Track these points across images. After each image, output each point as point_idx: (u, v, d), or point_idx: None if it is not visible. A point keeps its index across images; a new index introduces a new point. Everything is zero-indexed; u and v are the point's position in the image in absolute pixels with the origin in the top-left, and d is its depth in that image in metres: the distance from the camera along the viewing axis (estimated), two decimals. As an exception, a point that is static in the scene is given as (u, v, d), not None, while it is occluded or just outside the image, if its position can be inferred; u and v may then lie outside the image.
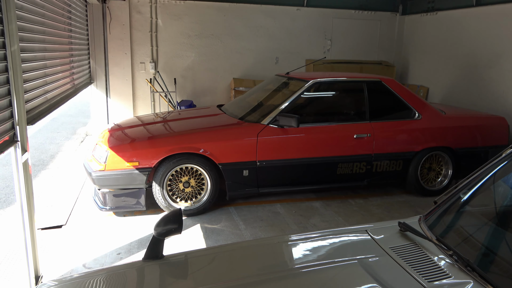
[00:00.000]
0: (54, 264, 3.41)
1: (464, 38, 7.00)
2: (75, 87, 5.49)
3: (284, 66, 7.74)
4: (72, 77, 5.33)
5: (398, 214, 4.55)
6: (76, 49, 5.74)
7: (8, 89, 2.69)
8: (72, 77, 5.33)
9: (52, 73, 4.22)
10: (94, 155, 4.33)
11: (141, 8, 7.21)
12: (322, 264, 1.76)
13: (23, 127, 2.82)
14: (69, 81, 5.15)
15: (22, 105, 2.81)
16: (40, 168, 6.18)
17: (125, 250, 3.65)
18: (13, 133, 2.75)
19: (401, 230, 1.90)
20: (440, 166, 5.07)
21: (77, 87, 5.61)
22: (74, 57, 5.56)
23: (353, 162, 4.74)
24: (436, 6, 7.64)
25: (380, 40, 8.61)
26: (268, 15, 7.84)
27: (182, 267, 1.83)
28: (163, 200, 4.24)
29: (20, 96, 2.78)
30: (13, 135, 2.74)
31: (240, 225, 4.19)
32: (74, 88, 5.40)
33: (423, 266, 1.62)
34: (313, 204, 4.74)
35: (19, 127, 2.76)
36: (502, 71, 6.27)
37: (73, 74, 5.44)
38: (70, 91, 5.14)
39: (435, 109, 5.10)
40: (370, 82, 4.95)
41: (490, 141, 5.16)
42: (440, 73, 7.55)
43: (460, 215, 1.99)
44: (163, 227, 1.81)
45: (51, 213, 4.36)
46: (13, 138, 2.74)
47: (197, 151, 4.22)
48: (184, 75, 7.66)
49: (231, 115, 4.91)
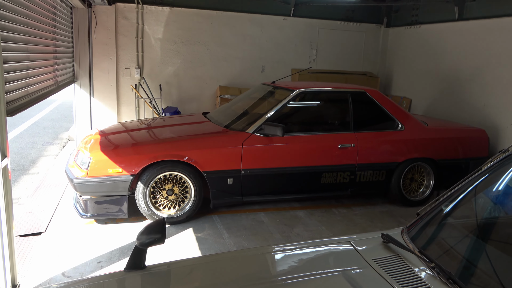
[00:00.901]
0: (32, 273, 3.33)
1: (446, 51, 7.14)
2: (58, 84, 5.42)
3: (270, 75, 7.78)
4: (55, 79, 5.26)
5: (380, 224, 4.58)
6: (60, 51, 5.67)
7: None
8: (55, 79, 5.26)
9: (34, 74, 4.15)
10: (76, 161, 4.26)
11: (127, 14, 7.17)
12: (306, 275, 1.76)
13: (2, 117, 2.73)
14: (52, 78, 5.08)
15: (1, 94, 2.73)
16: (20, 173, 6.06)
17: (106, 259, 3.59)
18: None
19: (384, 242, 1.91)
20: (422, 177, 5.14)
21: (60, 85, 5.54)
22: (58, 59, 5.50)
23: (337, 172, 4.77)
24: (420, 19, 7.80)
25: (365, 51, 8.73)
26: (255, 24, 7.88)
27: (165, 278, 1.81)
28: (146, 208, 4.19)
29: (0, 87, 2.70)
30: None
31: (224, 233, 4.17)
32: (56, 85, 5.32)
33: (405, 279, 1.63)
34: (297, 213, 4.75)
35: None
36: (482, 85, 6.42)
37: (57, 76, 5.37)
38: (53, 87, 5.07)
39: (417, 121, 5.18)
40: (354, 92, 5.00)
41: (471, 153, 5.26)
42: (423, 85, 7.69)
43: (442, 227, 2.01)
44: (146, 236, 1.78)
45: (30, 220, 4.27)
46: None
47: (182, 158, 4.19)
48: (170, 82, 7.63)
49: (216, 123, 4.90)
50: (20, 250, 3.66)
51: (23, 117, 10.42)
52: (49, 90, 4.84)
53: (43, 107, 12.43)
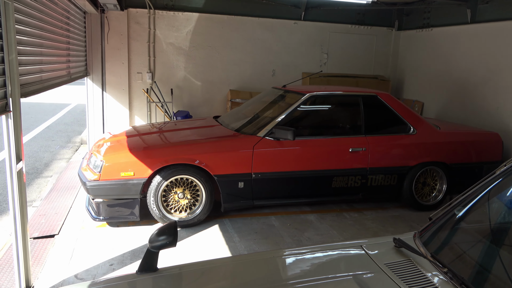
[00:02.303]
0: (45, 274, 3.37)
1: (459, 54, 7.08)
2: (70, 75, 5.50)
3: (280, 79, 7.78)
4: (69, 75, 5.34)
5: (392, 228, 4.55)
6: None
7: (1, 57, 2.66)
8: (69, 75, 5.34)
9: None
10: (89, 165, 4.31)
11: (140, 19, 7.24)
12: (317, 279, 1.76)
13: (16, 97, 2.77)
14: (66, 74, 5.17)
15: (16, 75, 2.77)
16: (34, 176, 6.14)
17: (117, 261, 3.62)
18: (5, 102, 2.71)
19: (396, 246, 1.90)
20: (434, 181, 5.09)
21: (72, 77, 5.62)
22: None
23: (348, 176, 4.75)
24: (431, 22, 7.75)
25: (376, 54, 8.69)
26: (266, 28, 7.91)
27: (176, 281, 1.82)
28: (157, 211, 4.22)
29: (14, 66, 2.75)
30: (5, 105, 2.71)
31: (235, 237, 4.17)
32: (69, 76, 5.42)
33: (418, 283, 1.62)
34: (308, 217, 4.74)
35: (11, 98, 2.72)
36: (496, 88, 6.34)
37: (71, 74, 5.45)
38: (65, 78, 5.15)
39: (430, 124, 5.14)
40: (366, 96, 4.98)
41: (484, 157, 5.19)
42: (435, 89, 7.62)
43: (455, 232, 1.99)
44: (158, 239, 1.80)
45: (44, 222, 4.32)
46: (5, 108, 2.70)
47: (193, 162, 4.22)
48: (181, 86, 7.68)
49: (227, 127, 4.92)
50: (34, 252, 3.71)
51: (37, 121, 10.57)
52: (62, 81, 4.90)
53: (57, 111, 12.59)
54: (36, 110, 12.50)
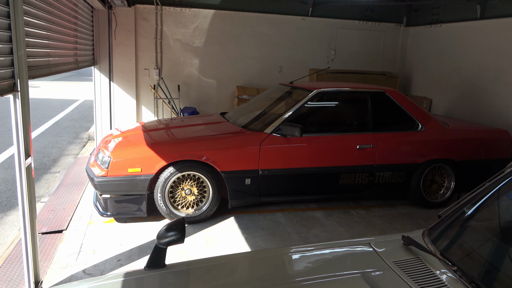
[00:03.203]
0: (54, 269, 3.40)
1: (468, 50, 7.01)
2: (78, 63, 5.52)
3: (288, 75, 7.75)
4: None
5: (400, 225, 4.53)
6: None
7: (9, 36, 2.65)
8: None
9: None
10: (96, 161, 4.33)
11: (147, 15, 7.25)
12: (325, 277, 1.75)
13: (24, 78, 2.77)
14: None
15: (23, 55, 2.76)
16: (42, 172, 6.19)
17: (125, 257, 3.64)
18: (13, 82, 2.70)
19: (404, 244, 1.89)
20: (442, 179, 5.06)
21: (80, 65, 5.66)
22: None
23: (356, 173, 4.73)
24: (440, 18, 7.67)
25: (384, 50, 8.63)
26: (273, 24, 7.88)
27: (184, 277, 1.82)
28: (164, 207, 4.23)
29: (22, 45, 2.74)
30: (13, 84, 2.71)
31: (241, 234, 4.17)
32: (77, 64, 5.45)
33: (427, 281, 1.61)
34: (315, 214, 4.73)
35: (19, 79, 2.71)
36: (505, 85, 6.28)
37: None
38: (72, 65, 5.18)
39: (438, 121, 5.10)
40: (373, 93, 4.95)
41: (493, 154, 5.14)
42: (444, 85, 7.56)
43: (464, 229, 1.97)
44: (166, 235, 1.80)
45: (52, 218, 4.35)
46: (13, 88, 2.71)
47: (200, 158, 4.22)
48: (188, 82, 7.69)
49: (234, 123, 4.92)
50: (42, 247, 3.74)
51: (45, 117, 10.64)
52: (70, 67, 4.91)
53: (64, 107, 12.66)
54: (44, 106, 12.58)
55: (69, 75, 24.55)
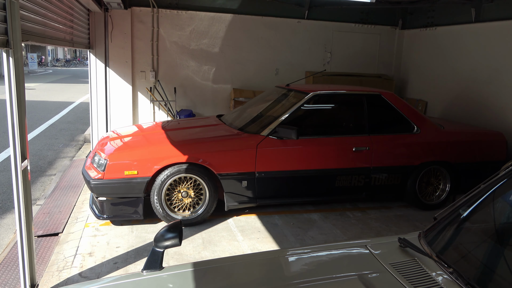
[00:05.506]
0: (50, 273, 3.39)
1: (463, 53, 7.05)
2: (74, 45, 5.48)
3: (284, 78, 7.77)
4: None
5: (396, 228, 4.54)
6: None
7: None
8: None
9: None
10: (93, 163, 4.32)
11: (143, 18, 7.25)
12: (321, 279, 1.75)
13: (17, 39, 2.73)
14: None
15: (16, 13, 2.72)
16: (38, 174, 6.16)
17: (121, 260, 3.63)
18: (6, 39, 2.67)
19: (401, 246, 1.90)
20: (438, 181, 5.08)
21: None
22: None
23: (352, 175, 4.74)
24: (436, 21, 7.72)
25: (379, 53, 8.67)
26: (269, 27, 7.89)
27: (181, 280, 1.82)
28: (161, 209, 4.23)
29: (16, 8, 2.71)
30: (6, 42, 2.67)
31: (238, 236, 4.18)
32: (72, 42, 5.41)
33: (423, 284, 1.61)
34: (311, 216, 4.74)
35: (13, 38, 2.68)
36: (500, 87, 6.32)
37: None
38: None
39: (434, 124, 5.13)
40: (369, 95, 4.97)
41: (488, 156, 5.18)
42: (439, 88, 7.60)
43: (460, 231, 1.99)
44: (163, 238, 1.81)
45: (48, 221, 4.34)
46: (6, 44, 2.67)
47: (196, 161, 4.22)
48: (184, 85, 7.68)
49: (230, 126, 4.92)
50: (38, 250, 3.73)
51: (40, 120, 10.61)
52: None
53: (60, 109, 12.63)
54: (39, 108, 12.54)
55: (64, 77, 24.48)
